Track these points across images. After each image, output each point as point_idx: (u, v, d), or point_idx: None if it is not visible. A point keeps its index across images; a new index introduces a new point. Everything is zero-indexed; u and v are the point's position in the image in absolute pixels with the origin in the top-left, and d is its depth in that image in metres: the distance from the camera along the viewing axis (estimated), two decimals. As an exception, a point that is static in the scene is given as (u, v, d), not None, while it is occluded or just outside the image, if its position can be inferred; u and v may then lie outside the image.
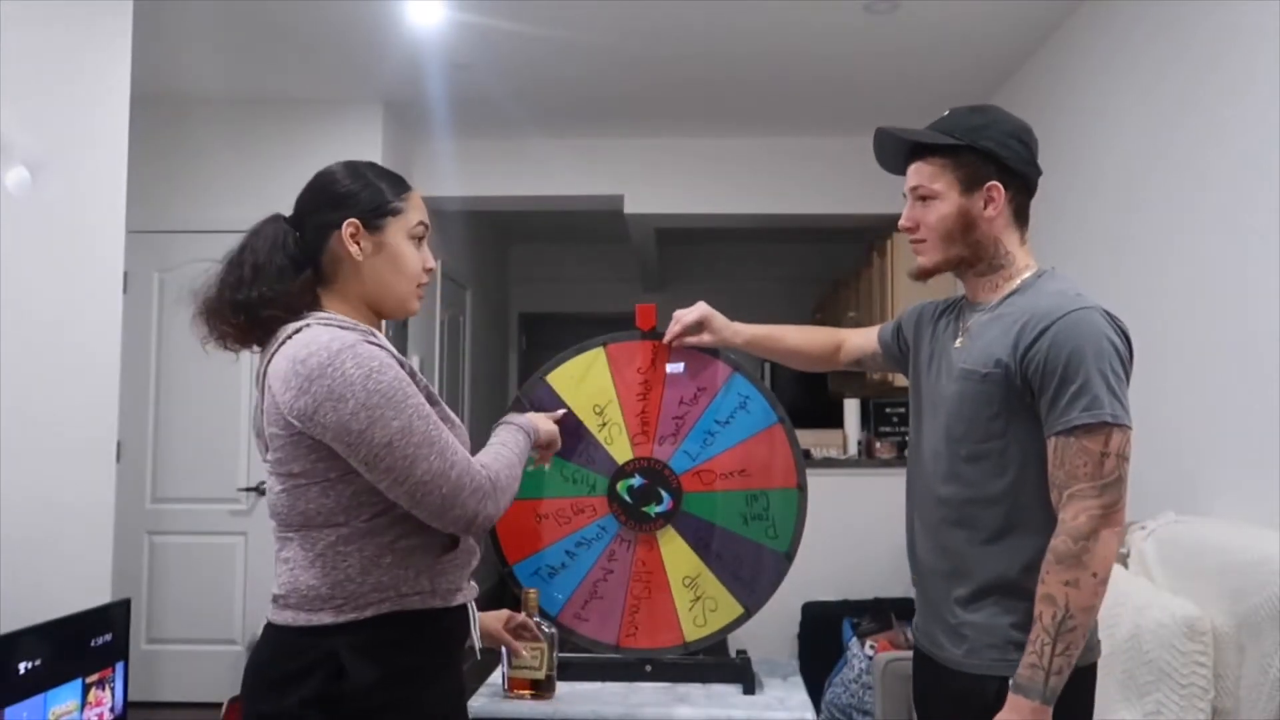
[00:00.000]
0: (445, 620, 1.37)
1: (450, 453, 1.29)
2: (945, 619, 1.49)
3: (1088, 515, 1.35)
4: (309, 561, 1.31)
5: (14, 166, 2.44)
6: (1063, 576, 1.34)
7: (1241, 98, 2.38)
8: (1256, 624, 1.85)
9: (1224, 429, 2.42)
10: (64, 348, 2.62)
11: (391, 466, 1.26)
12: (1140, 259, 2.87)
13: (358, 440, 1.25)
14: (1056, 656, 1.33)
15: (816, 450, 4.62)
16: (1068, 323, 1.38)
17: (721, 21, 3.50)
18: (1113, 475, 1.35)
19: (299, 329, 1.32)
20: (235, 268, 1.38)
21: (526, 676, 1.86)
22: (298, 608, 1.31)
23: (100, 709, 2.49)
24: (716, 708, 1.84)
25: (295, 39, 3.70)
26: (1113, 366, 1.37)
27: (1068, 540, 1.35)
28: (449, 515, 1.30)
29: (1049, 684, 1.33)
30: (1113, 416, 1.35)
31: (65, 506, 2.60)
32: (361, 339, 1.30)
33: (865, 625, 3.65)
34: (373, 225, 1.40)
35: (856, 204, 4.79)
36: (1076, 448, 1.36)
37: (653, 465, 1.97)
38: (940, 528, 1.51)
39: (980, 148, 1.47)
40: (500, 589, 6.77)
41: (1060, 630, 1.33)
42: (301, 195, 1.44)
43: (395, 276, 1.42)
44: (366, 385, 1.25)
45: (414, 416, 1.27)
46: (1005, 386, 1.42)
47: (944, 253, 1.52)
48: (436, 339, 5.43)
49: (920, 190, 1.52)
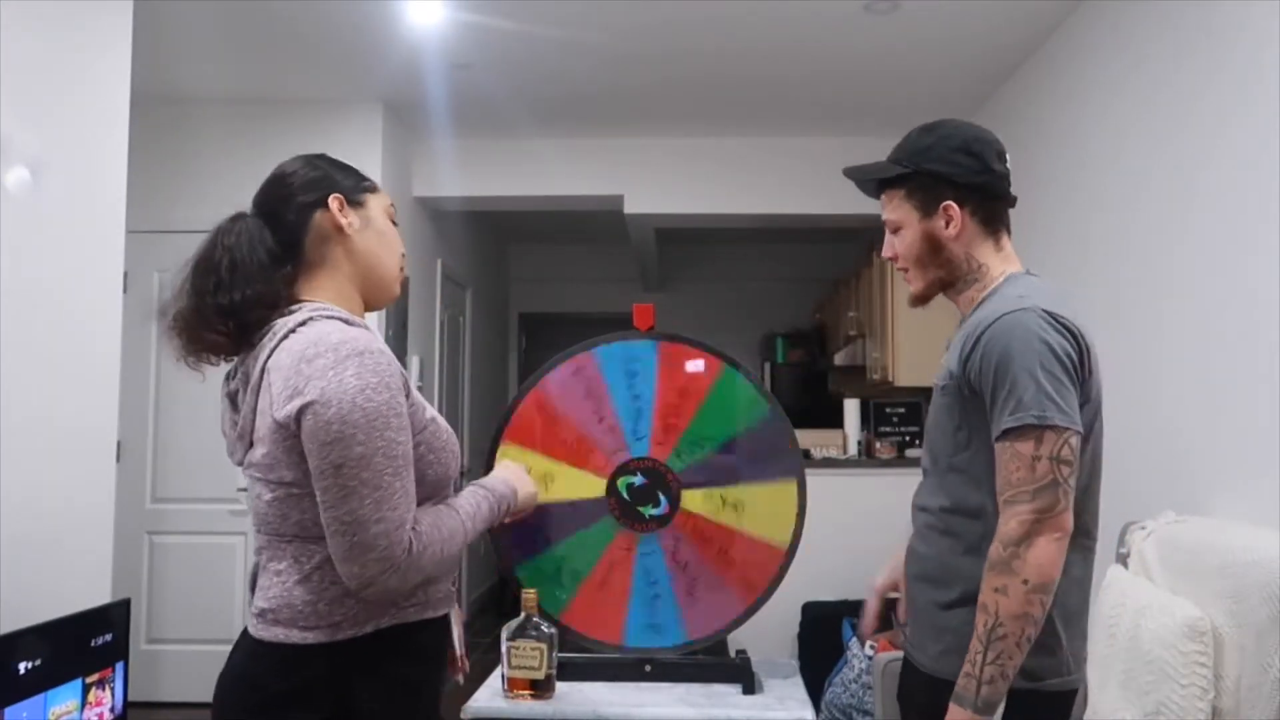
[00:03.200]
0: (435, 627, 1.35)
1: (387, 506, 1.20)
2: (928, 621, 1.49)
3: (1018, 521, 1.31)
4: (303, 575, 1.25)
5: (14, 166, 2.44)
6: (993, 583, 1.32)
7: (1243, 97, 2.38)
8: (1256, 624, 1.85)
9: (1224, 429, 2.42)
10: (64, 348, 2.62)
11: (328, 489, 1.20)
12: (1140, 259, 2.87)
13: (317, 448, 1.19)
14: (988, 665, 1.30)
15: (816, 450, 4.62)
16: (998, 328, 1.37)
17: (721, 21, 3.50)
18: (1046, 479, 1.31)
19: (303, 322, 1.26)
20: (210, 270, 1.31)
21: (526, 676, 1.86)
22: (290, 624, 1.25)
23: (100, 709, 2.49)
24: (716, 708, 1.84)
25: (295, 39, 3.70)
26: (1045, 366, 1.32)
27: (999, 546, 1.33)
28: (345, 566, 1.21)
29: (980, 693, 1.31)
30: (1038, 418, 1.30)
31: (65, 506, 2.59)
32: (373, 338, 1.26)
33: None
34: (355, 201, 1.37)
35: (856, 204, 4.71)
36: (1010, 453, 1.33)
37: (657, 468, 1.97)
38: (929, 535, 1.51)
39: (927, 171, 1.49)
40: (500, 589, 6.78)
41: (991, 639, 1.30)
42: (268, 188, 1.38)
43: (384, 250, 1.39)
44: (355, 400, 1.19)
45: (379, 452, 1.20)
46: (959, 398, 1.43)
47: (924, 278, 1.55)
48: (436, 339, 5.42)
49: (890, 223, 1.56)
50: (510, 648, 1.87)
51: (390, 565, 1.20)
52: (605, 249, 7.37)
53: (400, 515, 1.22)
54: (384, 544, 1.20)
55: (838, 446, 4.71)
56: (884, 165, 1.55)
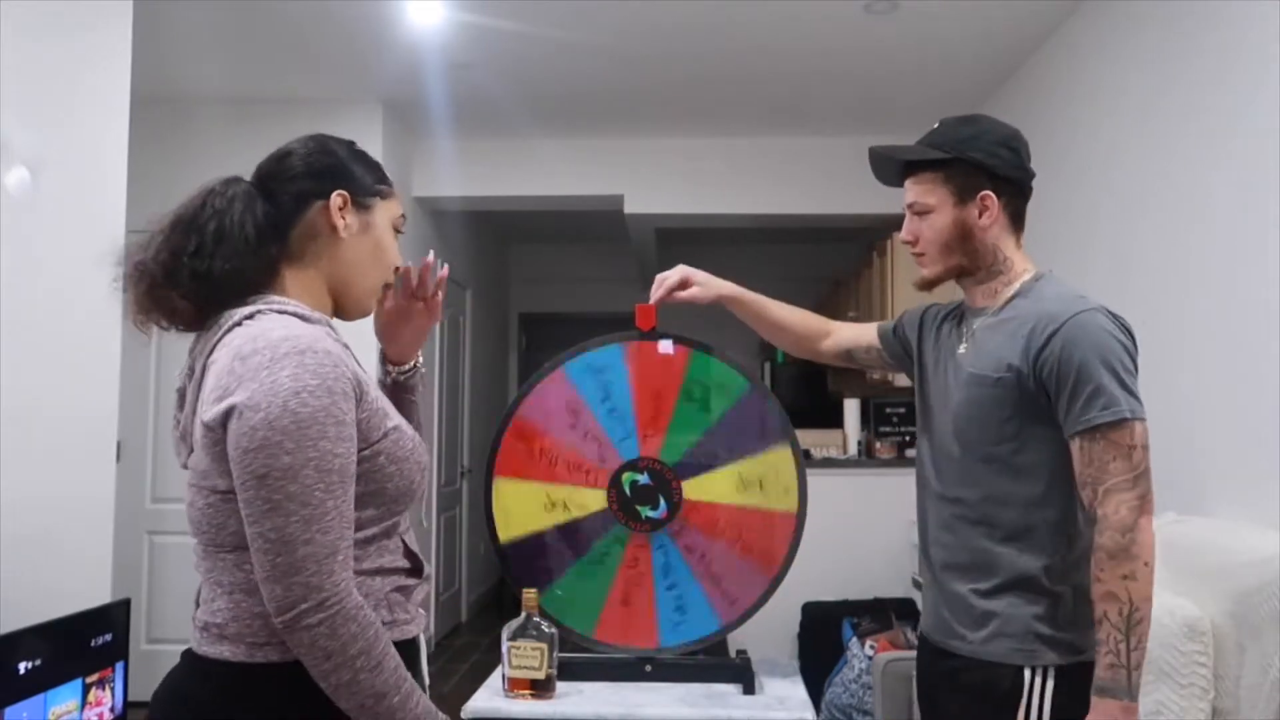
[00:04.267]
0: (402, 654, 1.17)
1: (317, 527, 1.06)
2: (966, 608, 1.50)
3: (1128, 507, 1.37)
4: (250, 588, 1.10)
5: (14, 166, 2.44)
6: (1119, 571, 1.36)
7: (1244, 97, 2.38)
8: (1256, 624, 1.85)
9: (1224, 429, 2.42)
10: (64, 348, 2.62)
11: (250, 501, 1.06)
12: (1142, 260, 2.87)
13: (239, 456, 1.06)
14: (1133, 651, 1.35)
15: (816, 450, 4.62)
16: (1075, 324, 1.41)
17: (721, 21, 3.50)
18: (1142, 466, 1.39)
19: (250, 315, 1.15)
20: (193, 230, 1.18)
21: (527, 676, 1.86)
22: (236, 640, 1.12)
23: (100, 709, 2.49)
24: (716, 708, 1.84)
25: (295, 39, 3.71)
26: (1122, 363, 1.40)
27: (1115, 535, 1.37)
28: (268, 586, 1.06)
29: (1132, 679, 1.35)
30: (1131, 411, 1.38)
31: (65, 506, 2.59)
32: (323, 337, 1.13)
33: (865, 625, 3.65)
34: (362, 203, 1.25)
35: (856, 204, 4.79)
36: (1104, 444, 1.38)
37: (664, 473, 1.98)
38: (957, 525, 1.53)
39: (970, 159, 1.51)
40: (500, 588, 6.78)
41: (1130, 624, 1.35)
42: (272, 162, 1.26)
43: (373, 264, 1.26)
44: (287, 404, 1.05)
45: (310, 464, 1.06)
46: (1018, 390, 1.45)
47: (944, 263, 1.56)
48: (436, 339, 5.43)
49: (916, 206, 1.56)
50: (510, 648, 1.87)
51: (317, 596, 1.05)
52: (605, 249, 7.36)
53: (332, 541, 1.07)
54: (312, 569, 1.05)
55: (838, 446, 4.71)
56: (922, 149, 1.55)
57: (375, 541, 1.18)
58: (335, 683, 1.07)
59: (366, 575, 1.16)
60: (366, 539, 1.17)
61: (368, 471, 1.15)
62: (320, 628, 1.05)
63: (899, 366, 1.80)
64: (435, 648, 5.45)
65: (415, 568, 1.24)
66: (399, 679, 1.10)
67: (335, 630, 1.06)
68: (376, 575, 1.18)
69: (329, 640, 1.06)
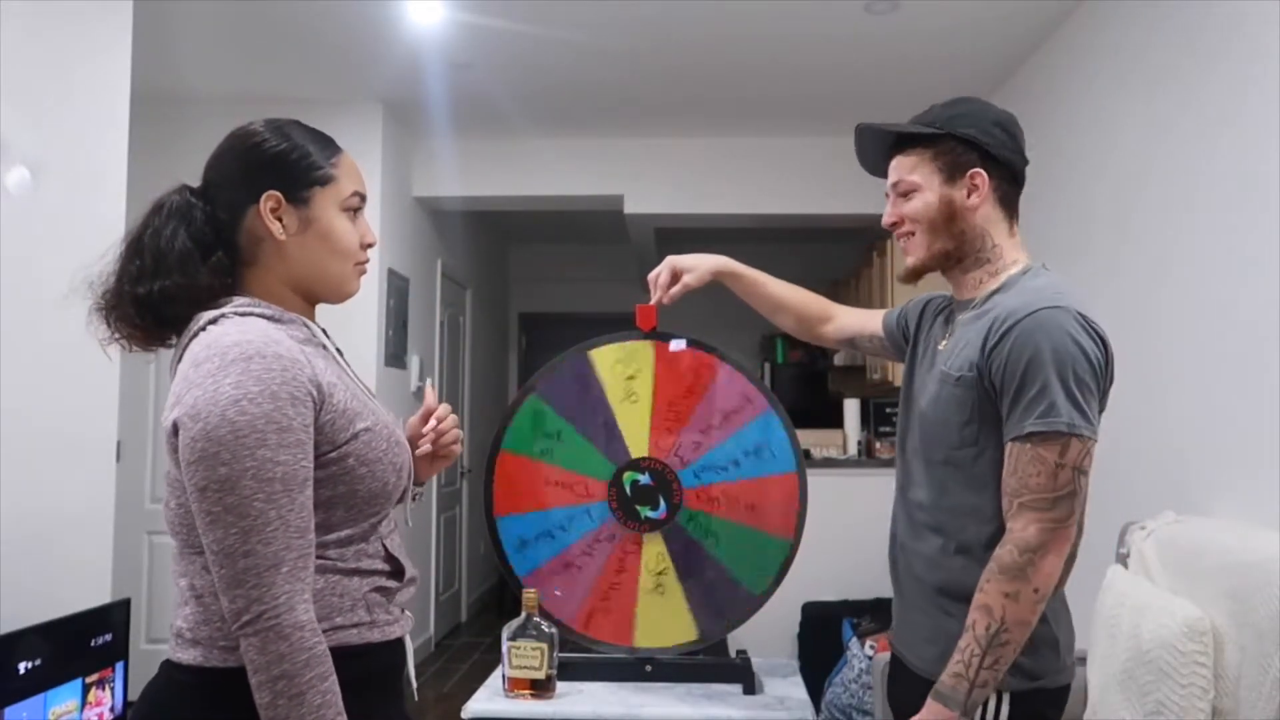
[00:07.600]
0: (383, 653, 1.18)
1: (256, 538, 1.03)
2: (920, 621, 1.45)
3: (1038, 528, 1.28)
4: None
5: (14, 166, 2.44)
6: (1004, 588, 1.28)
7: (1243, 97, 2.38)
8: (1256, 624, 1.85)
9: (1224, 429, 2.42)
10: (64, 348, 2.62)
11: (197, 512, 1.06)
12: (1140, 258, 2.87)
13: (185, 468, 1.06)
14: (984, 670, 1.28)
15: (816, 450, 4.62)
16: (1032, 322, 1.30)
17: (721, 21, 3.50)
18: (1067, 488, 1.27)
19: (214, 319, 1.13)
20: (134, 254, 1.16)
21: (527, 676, 1.86)
22: (209, 644, 1.10)
23: (100, 709, 2.49)
24: (716, 708, 1.84)
25: (295, 39, 3.71)
26: (1075, 372, 1.28)
27: (1014, 551, 1.28)
28: (221, 600, 1.05)
29: (971, 696, 1.29)
30: (1068, 426, 1.27)
31: (65, 506, 2.59)
32: (282, 340, 1.10)
33: (865, 625, 3.65)
34: (297, 198, 1.18)
35: (856, 204, 4.79)
36: (1031, 455, 1.28)
37: (666, 474, 1.97)
38: (919, 530, 1.47)
39: (960, 135, 1.43)
40: (500, 588, 6.77)
41: (992, 643, 1.28)
42: (212, 159, 1.22)
43: (328, 256, 1.20)
44: (225, 413, 1.03)
45: (248, 474, 1.03)
46: (976, 391, 1.36)
47: (929, 246, 1.46)
48: (436, 339, 5.43)
49: (901, 185, 1.48)
50: (511, 648, 1.87)
51: (256, 609, 1.03)
52: (605, 249, 7.37)
53: (275, 553, 1.04)
54: (251, 581, 1.03)
55: (838, 446, 4.71)
56: (912, 125, 1.47)
57: (353, 543, 1.17)
58: (257, 701, 1.04)
59: (344, 575, 1.15)
60: (342, 540, 1.15)
61: (336, 474, 1.13)
62: (253, 639, 1.04)
63: (899, 356, 1.72)
64: (435, 648, 5.45)
65: (396, 571, 1.22)
66: (319, 717, 1.04)
67: (264, 646, 1.03)
68: (354, 575, 1.16)
69: (257, 655, 1.04)
